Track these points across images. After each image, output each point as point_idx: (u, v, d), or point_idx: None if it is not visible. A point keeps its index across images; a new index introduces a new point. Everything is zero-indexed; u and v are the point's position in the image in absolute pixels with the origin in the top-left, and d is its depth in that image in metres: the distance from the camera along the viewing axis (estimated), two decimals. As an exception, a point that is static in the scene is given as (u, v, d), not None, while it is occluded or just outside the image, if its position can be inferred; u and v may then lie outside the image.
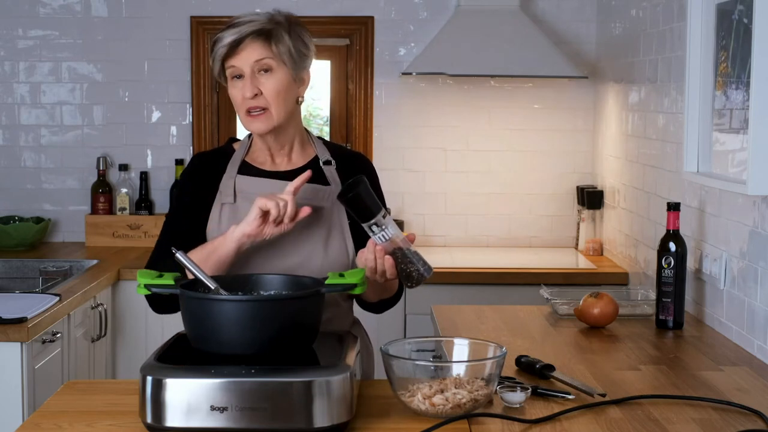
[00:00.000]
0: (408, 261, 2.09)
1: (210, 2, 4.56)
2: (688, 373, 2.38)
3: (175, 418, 1.79)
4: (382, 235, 2.05)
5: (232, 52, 2.18)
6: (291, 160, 2.31)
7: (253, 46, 2.18)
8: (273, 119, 2.21)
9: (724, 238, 2.83)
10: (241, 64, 2.18)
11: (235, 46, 2.17)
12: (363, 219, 2.05)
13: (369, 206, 2.03)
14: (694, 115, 2.92)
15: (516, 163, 4.62)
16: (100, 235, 4.50)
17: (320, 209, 2.26)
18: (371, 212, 2.04)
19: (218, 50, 2.19)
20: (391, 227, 2.06)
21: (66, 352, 3.37)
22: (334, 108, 4.65)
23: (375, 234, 2.05)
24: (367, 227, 2.06)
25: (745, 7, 2.61)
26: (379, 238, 2.05)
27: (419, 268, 2.10)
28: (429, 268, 2.12)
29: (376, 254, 2.06)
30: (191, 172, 2.32)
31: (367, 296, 2.28)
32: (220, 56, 2.19)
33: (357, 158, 2.40)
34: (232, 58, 2.18)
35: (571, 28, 4.57)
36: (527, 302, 3.46)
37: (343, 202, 2.05)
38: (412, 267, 2.10)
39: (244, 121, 2.23)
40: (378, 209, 2.04)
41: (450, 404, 1.91)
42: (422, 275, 2.11)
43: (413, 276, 2.10)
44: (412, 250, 2.10)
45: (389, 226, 2.06)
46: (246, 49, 2.18)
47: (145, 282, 1.95)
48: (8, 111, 4.59)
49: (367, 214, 2.04)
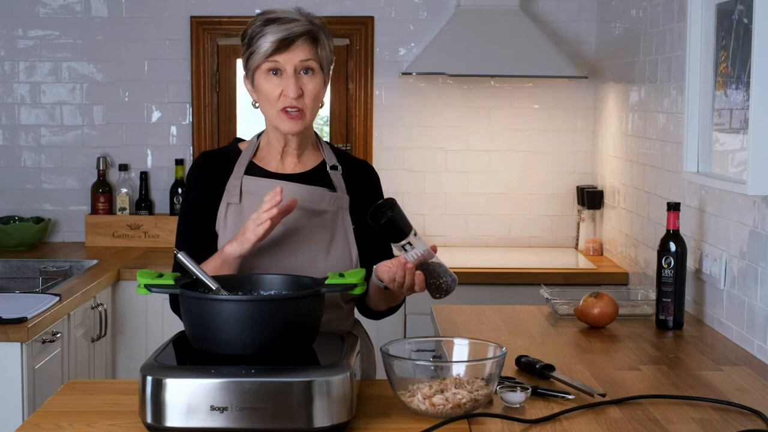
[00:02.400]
0: (436, 274, 2.12)
1: (210, 2, 4.56)
2: (688, 373, 2.38)
3: (175, 418, 1.79)
4: (414, 253, 2.08)
5: (282, 48, 2.16)
6: (300, 162, 2.30)
7: (303, 46, 2.17)
8: (306, 121, 2.22)
9: (724, 238, 2.83)
10: (285, 62, 2.17)
11: (287, 44, 2.16)
12: (396, 240, 2.08)
13: (402, 228, 2.06)
14: (694, 115, 2.92)
15: (516, 163, 4.62)
16: (100, 235, 4.50)
17: (324, 213, 2.26)
18: (404, 234, 2.06)
19: (262, 45, 2.16)
20: (421, 245, 2.09)
21: (66, 352, 3.37)
22: (334, 108, 4.65)
23: (407, 252, 2.08)
24: (399, 247, 2.08)
25: (745, 7, 2.61)
26: (411, 256, 2.08)
27: (447, 280, 2.13)
28: (455, 279, 2.15)
29: (407, 271, 2.08)
30: (197, 171, 2.31)
31: (377, 305, 2.31)
32: (265, 51, 2.16)
33: (362, 166, 2.40)
34: (278, 54, 2.16)
35: (571, 28, 4.57)
36: (527, 302, 3.46)
37: (377, 225, 2.06)
38: (441, 280, 2.13)
39: (276, 118, 2.20)
40: (410, 229, 2.07)
41: (450, 404, 1.91)
42: (450, 286, 2.14)
43: (442, 288, 2.14)
44: (437, 263, 2.13)
45: (419, 243, 2.08)
46: (296, 49, 2.17)
47: (145, 282, 1.95)
48: (8, 111, 4.59)
49: (400, 235, 2.07)
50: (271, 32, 2.16)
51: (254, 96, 2.25)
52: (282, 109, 2.19)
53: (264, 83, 2.20)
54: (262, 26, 2.18)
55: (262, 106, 2.24)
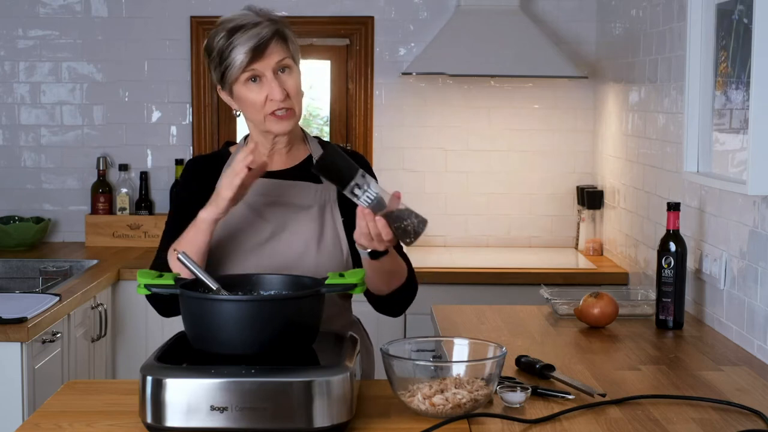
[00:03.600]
0: (400, 218, 1.99)
1: (210, 2, 4.56)
2: (688, 373, 2.38)
3: (175, 418, 1.79)
4: (367, 196, 1.97)
5: (257, 56, 2.14)
6: (287, 158, 2.30)
7: (275, 48, 2.16)
8: (295, 117, 2.21)
9: (724, 238, 2.83)
10: (263, 68, 2.15)
11: (261, 50, 2.14)
12: (342, 184, 1.97)
13: (343, 168, 1.96)
14: (694, 115, 2.92)
15: (516, 163, 4.62)
16: (100, 235, 4.50)
17: (311, 208, 2.26)
18: (349, 174, 1.96)
19: (236, 57, 2.13)
20: (373, 186, 1.98)
21: (66, 352, 3.37)
22: (334, 108, 4.65)
23: (359, 198, 1.97)
24: (350, 192, 1.98)
25: (745, 7, 2.61)
26: (364, 200, 1.97)
27: (413, 222, 2.00)
28: (423, 220, 2.01)
29: (366, 218, 1.97)
30: (187, 176, 2.32)
31: (378, 289, 2.21)
32: (241, 63, 2.13)
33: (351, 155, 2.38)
34: (255, 62, 2.14)
35: (571, 28, 4.57)
36: (527, 302, 3.46)
37: (318, 171, 1.98)
38: (405, 222, 1.99)
39: (267, 122, 2.19)
40: (354, 170, 1.97)
41: (450, 404, 1.91)
42: (418, 227, 2.00)
43: (409, 230, 2.00)
44: (402, 207, 2.01)
45: (370, 184, 1.98)
46: (271, 53, 2.15)
47: (145, 282, 1.95)
48: (8, 111, 4.59)
49: (344, 176, 1.96)
50: (240, 42, 2.14)
51: (234, 105, 2.24)
52: (270, 113, 2.18)
53: (246, 92, 2.18)
54: (228, 37, 2.15)
55: (247, 114, 2.22)
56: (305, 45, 4.49)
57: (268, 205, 2.25)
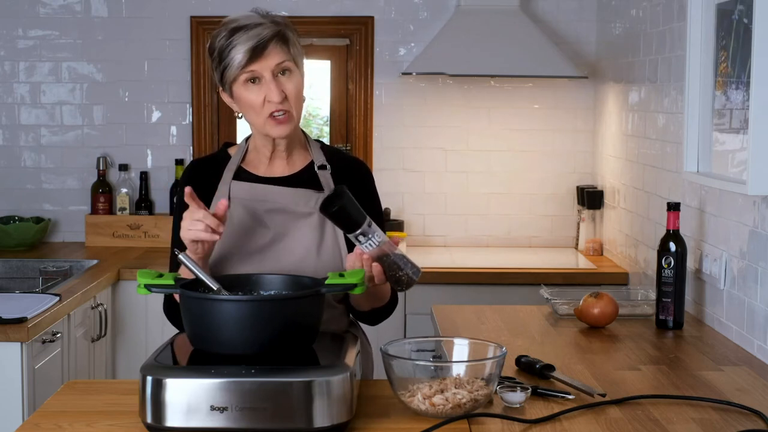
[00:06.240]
0: (396, 266, 2.06)
1: (210, 2, 4.56)
2: (688, 373, 2.38)
3: (175, 418, 1.79)
4: (369, 243, 2.02)
5: (256, 56, 2.14)
6: (288, 164, 2.30)
7: (275, 49, 2.15)
8: (294, 121, 2.20)
9: (724, 238, 2.83)
10: (262, 69, 2.14)
11: (260, 50, 2.13)
12: (348, 230, 2.02)
13: (353, 218, 2.00)
14: (694, 115, 2.92)
15: (516, 163, 4.62)
16: (100, 235, 4.50)
17: (311, 215, 2.25)
18: (356, 223, 2.00)
19: (235, 56, 2.13)
20: (377, 235, 2.03)
21: (66, 352, 3.37)
22: (334, 108, 4.65)
23: (362, 243, 2.02)
24: (353, 237, 2.02)
25: (745, 7, 2.61)
26: (366, 246, 2.02)
27: (408, 272, 2.07)
28: (417, 270, 2.09)
29: (364, 263, 2.03)
30: (187, 180, 2.31)
31: (358, 304, 2.25)
32: (239, 63, 2.13)
33: (354, 164, 2.38)
34: (253, 63, 2.14)
35: (571, 28, 4.57)
36: (527, 302, 3.46)
37: (327, 216, 2.01)
38: (401, 272, 2.07)
39: (266, 125, 2.18)
40: (363, 219, 2.01)
41: (450, 404, 1.91)
42: (411, 278, 2.08)
43: (403, 280, 2.08)
44: (399, 254, 2.07)
45: (375, 234, 2.02)
46: (270, 54, 2.14)
47: (145, 282, 1.95)
48: (8, 111, 4.59)
49: (352, 225, 2.01)
50: (240, 42, 2.14)
51: (236, 107, 2.23)
52: (269, 116, 2.17)
53: (245, 93, 2.17)
54: (228, 37, 2.15)
55: (247, 116, 2.22)
56: (305, 45, 4.48)
57: (268, 212, 2.24)
